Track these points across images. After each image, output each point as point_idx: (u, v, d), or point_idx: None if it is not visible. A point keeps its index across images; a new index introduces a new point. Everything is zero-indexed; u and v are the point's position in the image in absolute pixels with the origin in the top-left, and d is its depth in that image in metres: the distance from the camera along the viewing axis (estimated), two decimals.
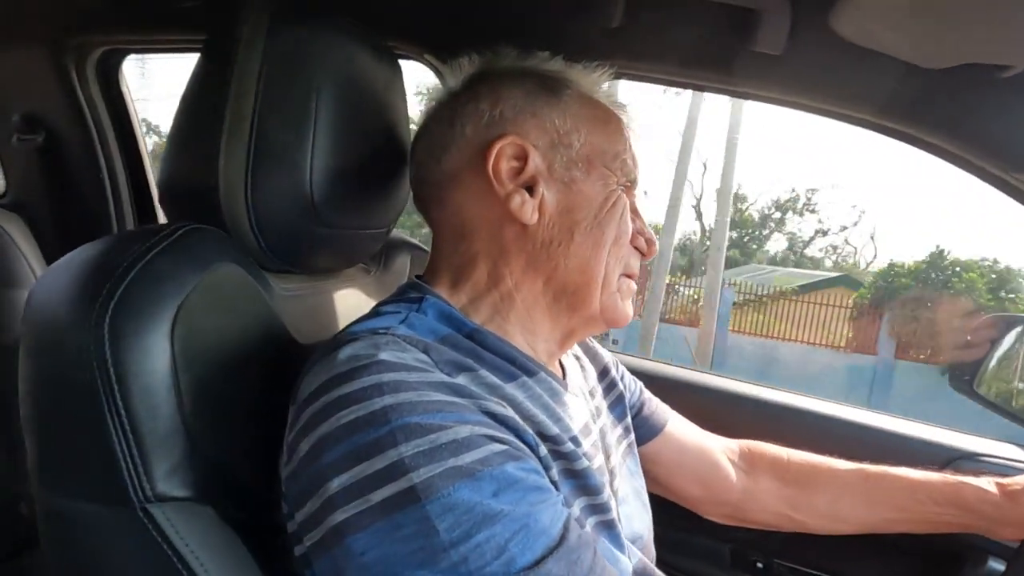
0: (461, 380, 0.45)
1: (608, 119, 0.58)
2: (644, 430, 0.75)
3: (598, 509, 0.51)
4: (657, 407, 0.77)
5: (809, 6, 0.61)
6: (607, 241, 0.54)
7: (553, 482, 0.46)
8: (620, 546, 0.52)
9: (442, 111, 0.58)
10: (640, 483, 0.68)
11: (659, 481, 0.76)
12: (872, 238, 21.95)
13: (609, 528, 0.51)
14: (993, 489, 0.65)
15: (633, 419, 0.73)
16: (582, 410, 0.59)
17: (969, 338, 1.04)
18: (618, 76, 0.81)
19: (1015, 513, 0.63)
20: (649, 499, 0.68)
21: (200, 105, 0.57)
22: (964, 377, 1.14)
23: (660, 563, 0.63)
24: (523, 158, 0.53)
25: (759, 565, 0.97)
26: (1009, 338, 1.12)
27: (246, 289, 0.52)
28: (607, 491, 0.52)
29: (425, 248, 0.83)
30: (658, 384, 0.82)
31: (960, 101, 0.65)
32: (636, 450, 0.70)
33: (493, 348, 0.51)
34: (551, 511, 0.40)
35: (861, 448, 0.79)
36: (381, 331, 0.47)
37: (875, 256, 19.35)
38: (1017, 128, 0.66)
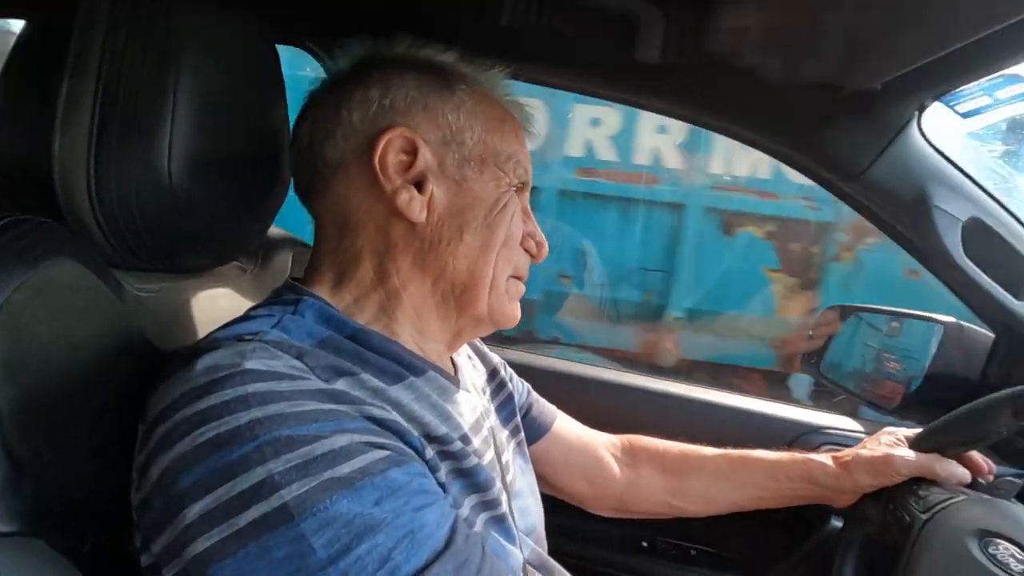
0: (341, 385, 0.42)
1: (504, 119, 0.57)
2: (533, 430, 0.76)
3: (488, 505, 0.51)
4: (544, 407, 0.79)
5: (682, 20, 0.66)
6: (497, 243, 0.54)
7: (441, 484, 0.45)
8: (512, 539, 0.53)
9: (327, 95, 0.54)
10: (532, 479, 0.69)
11: (548, 480, 0.78)
12: None
13: (500, 523, 0.52)
14: (831, 463, 0.74)
15: (522, 419, 0.74)
16: (474, 406, 0.58)
17: (811, 332, 1.19)
18: (515, 77, 0.82)
19: (848, 483, 0.72)
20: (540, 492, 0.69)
21: (28, 80, 0.49)
22: (811, 361, 1.30)
23: (554, 552, 0.64)
24: (413, 152, 0.51)
25: (644, 544, 1.03)
26: (844, 326, 1.30)
27: (87, 289, 0.46)
28: (497, 486, 0.52)
29: (308, 244, 0.79)
30: (544, 378, 0.84)
31: (795, 114, 0.74)
32: (526, 449, 0.71)
33: (378, 349, 0.49)
34: (438, 514, 0.39)
35: (727, 428, 0.87)
36: (248, 337, 0.43)
37: None
38: (844, 140, 0.76)
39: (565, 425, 0.80)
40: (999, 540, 0.57)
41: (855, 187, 0.82)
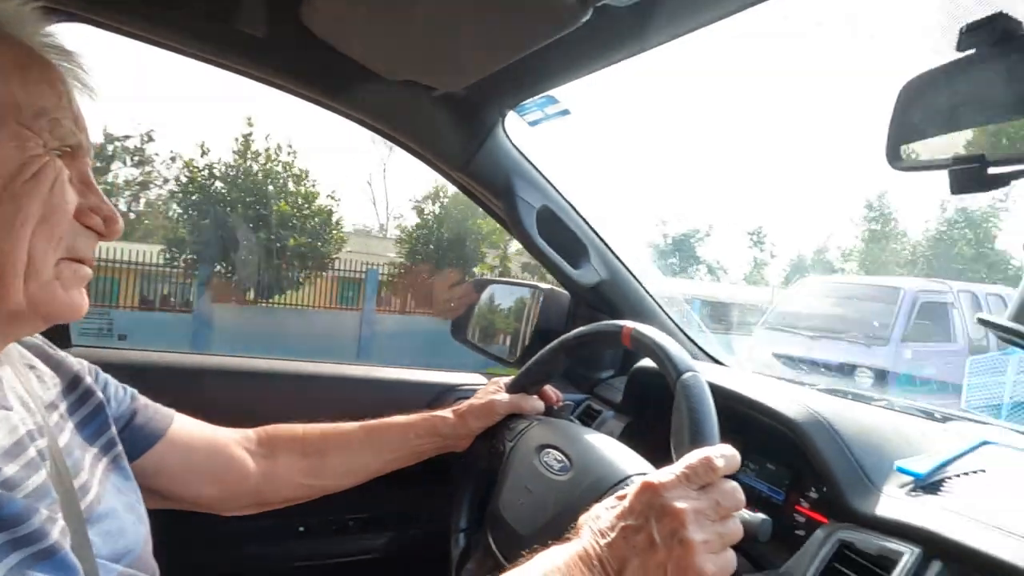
0: None
1: (30, 65, 0.46)
2: (140, 440, 0.66)
3: (23, 542, 0.41)
4: (155, 413, 0.70)
5: None
6: (29, 218, 0.44)
7: None
8: (72, 571, 0.45)
9: None
10: (133, 497, 0.60)
11: (164, 493, 0.70)
12: None
13: (47, 558, 0.43)
14: (451, 415, 0.86)
15: (122, 431, 0.64)
16: (14, 427, 0.47)
17: (453, 303, 1.37)
18: (75, 18, 0.67)
19: (464, 429, 0.85)
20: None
21: None
22: (460, 327, 1.49)
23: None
24: None
25: (301, 529, 1.02)
26: (483, 296, 1.53)
27: None
28: (40, 516, 0.43)
29: None
30: (160, 376, 0.74)
31: (405, 108, 0.82)
32: (125, 464, 0.62)
33: None
34: None
35: (372, 400, 0.92)
36: None
37: None
38: (449, 136, 0.88)
39: (184, 428, 0.72)
40: (550, 449, 0.76)
41: (463, 177, 0.96)
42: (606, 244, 1.11)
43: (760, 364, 5.61)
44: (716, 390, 0.63)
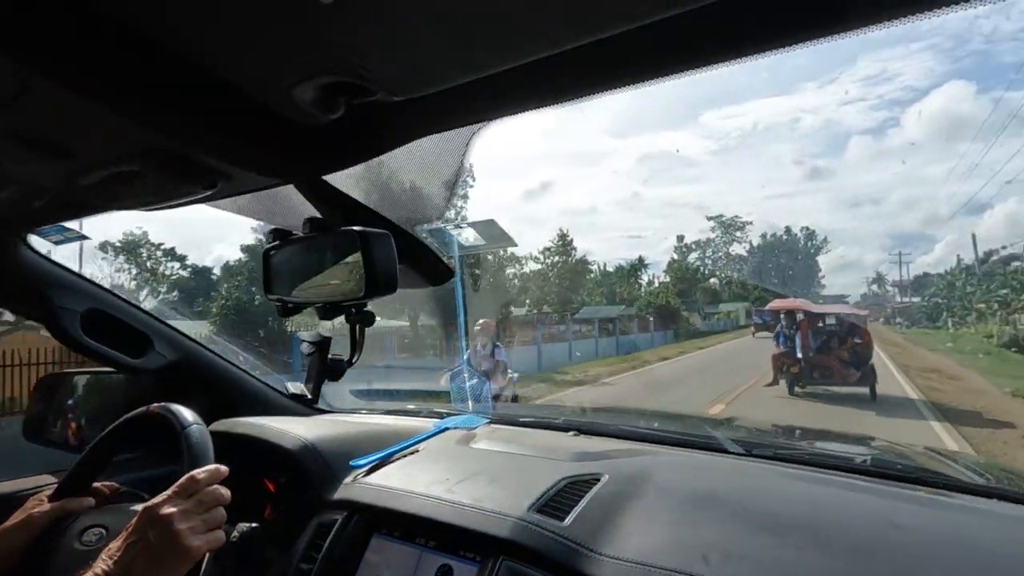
0: None
1: None
2: None
3: None
4: None
5: None
6: None
7: None
8: None
9: None
10: None
11: None
12: None
13: None
14: None
15: None
16: None
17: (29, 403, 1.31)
18: None
19: (6, 546, 0.87)
20: None
21: None
22: (32, 425, 1.41)
23: None
24: None
25: None
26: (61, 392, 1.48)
27: None
28: None
29: None
30: None
31: None
32: None
33: None
34: None
35: None
36: None
37: None
38: None
39: None
40: (94, 528, 0.89)
41: None
42: (172, 328, 1.27)
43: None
44: (236, 435, 0.88)
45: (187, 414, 0.88)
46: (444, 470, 1.00)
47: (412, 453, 1.11)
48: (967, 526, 0.83)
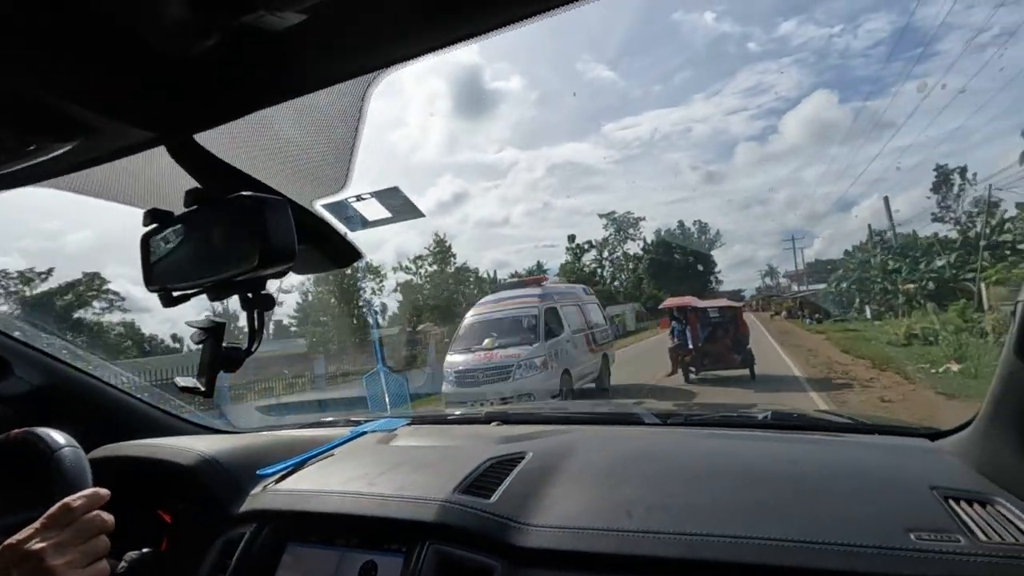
0: None
1: None
2: None
3: None
4: None
5: None
6: None
7: None
8: None
9: None
10: None
11: None
12: None
13: None
14: None
15: None
16: None
17: None
18: None
19: None
20: None
21: None
22: None
23: None
24: None
25: None
26: None
27: None
28: None
29: None
30: None
31: None
32: None
33: None
34: None
35: None
36: None
37: None
38: None
39: None
40: None
41: None
42: (36, 350, 1.11)
43: None
44: (122, 458, 0.78)
45: (57, 436, 0.77)
46: (364, 466, 0.95)
47: (327, 458, 1.05)
48: (844, 453, 0.96)
